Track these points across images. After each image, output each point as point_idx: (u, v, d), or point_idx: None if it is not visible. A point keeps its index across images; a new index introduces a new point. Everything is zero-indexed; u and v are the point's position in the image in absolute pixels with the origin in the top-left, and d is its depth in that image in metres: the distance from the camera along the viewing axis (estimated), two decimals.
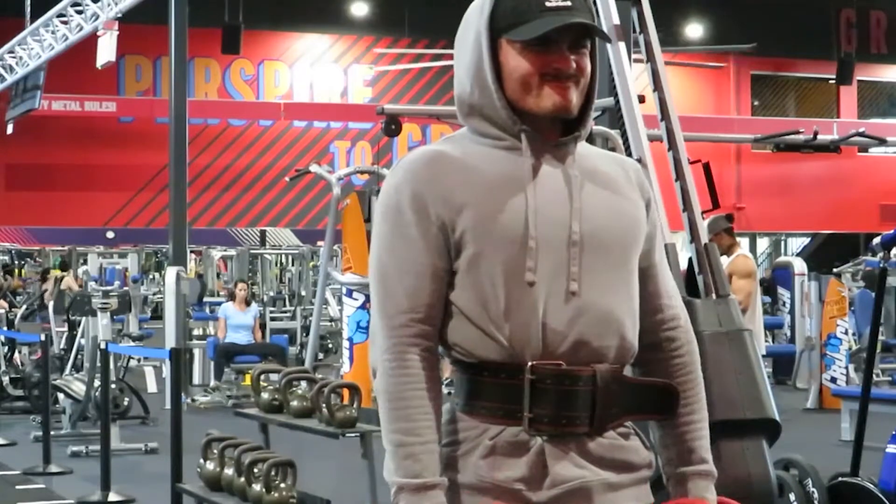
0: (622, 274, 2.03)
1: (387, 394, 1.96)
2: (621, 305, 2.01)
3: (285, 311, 17.93)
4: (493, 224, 1.95)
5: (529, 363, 1.94)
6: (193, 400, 11.76)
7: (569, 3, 1.98)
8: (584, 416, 1.96)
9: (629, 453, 2.03)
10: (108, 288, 11.92)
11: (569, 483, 1.96)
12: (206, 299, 19.52)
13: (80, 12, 12.64)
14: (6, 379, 11.39)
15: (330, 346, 15.25)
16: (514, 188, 1.98)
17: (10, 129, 16.17)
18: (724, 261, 8.05)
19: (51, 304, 12.49)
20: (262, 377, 6.36)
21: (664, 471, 2.14)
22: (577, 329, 1.96)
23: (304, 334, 15.23)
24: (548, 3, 1.97)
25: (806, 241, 28.81)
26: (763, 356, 7.83)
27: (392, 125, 9.06)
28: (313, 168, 11.56)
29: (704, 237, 4.81)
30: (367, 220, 10.34)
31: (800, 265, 12.73)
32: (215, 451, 5.81)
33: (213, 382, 12.36)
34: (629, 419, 2.04)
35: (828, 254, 22.96)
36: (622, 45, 5.06)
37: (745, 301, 7.67)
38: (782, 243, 29.55)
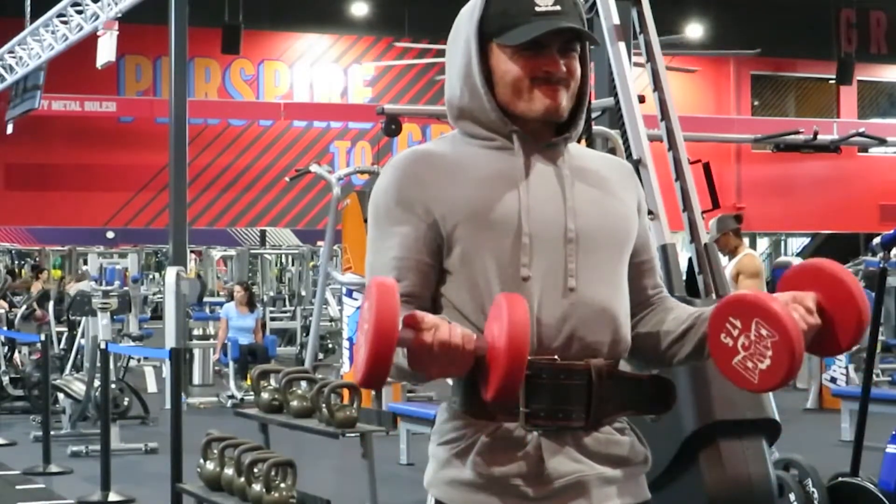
0: (615, 270, 2.06)
1: None
2: (615, 301, 2.03)
3: (285, 311, 17.94)
4: (484, 220, 1.97)
5: None
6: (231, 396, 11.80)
7: (558, 8, 2.00)
8: (580, 411, 1.98)
9: (625, 448, 2.04)
10: (108, 288, 11.89)
11: (566, 477, 1.97)
12: (206, 299, 19.54)
13: (80, 12, 12.63)
14: (6, 379, 11.38)
15: (330, 346, 15.24)
16: (505, 185, 2.00)
17: (10, 129, 16.15)
18: (727, 261, 7.95)
19: (50, 305, 12.47)
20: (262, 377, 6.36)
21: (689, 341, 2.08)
22: (570, 324, 1.98)
23: (304, 334, 15.22)
24: (537, 8, 1.99)
25: (806, 241, 28.79)
26: None
27: (392, 125, 9.06)
28: (313, 168, 11.55)
29: (704, 237, 4.81)
30: (367, 220, 10.32)
31: None
32: (215, 451, 5.81)
33: (241, 383, 11.97)
34: (624, 414, 2.05)
35: (828, 254, 22.88)
36: (622, 45, 5.05)
37: None
38: (782, 243, 29.52)
